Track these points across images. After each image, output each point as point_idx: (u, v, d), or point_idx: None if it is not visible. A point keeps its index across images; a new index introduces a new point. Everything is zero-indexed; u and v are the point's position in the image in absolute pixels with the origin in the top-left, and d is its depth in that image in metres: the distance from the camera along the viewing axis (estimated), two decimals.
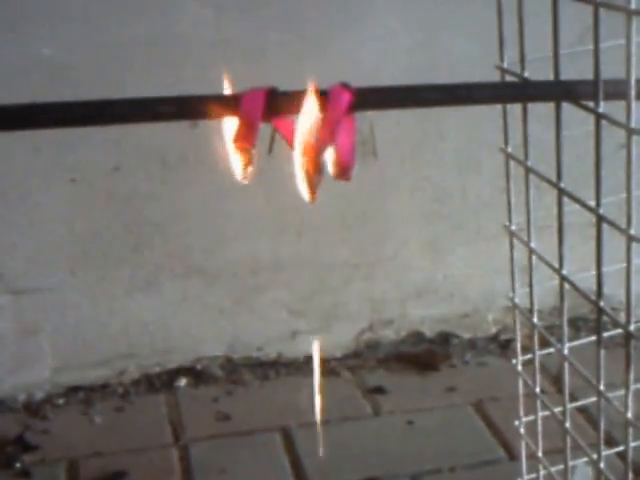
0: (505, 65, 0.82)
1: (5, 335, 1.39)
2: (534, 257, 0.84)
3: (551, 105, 0.71)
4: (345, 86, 0.60)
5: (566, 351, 0.81)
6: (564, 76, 0.71)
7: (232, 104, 0.59)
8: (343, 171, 0.59)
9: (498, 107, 0.84)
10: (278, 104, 0.59)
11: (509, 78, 0.82)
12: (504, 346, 1.51)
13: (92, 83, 1.28)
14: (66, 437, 1.32)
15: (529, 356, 0.90)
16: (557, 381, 1.26)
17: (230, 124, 0.61)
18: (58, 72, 1.28)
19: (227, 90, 0.62)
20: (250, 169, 0.61)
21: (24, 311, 1.39)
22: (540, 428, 0.90)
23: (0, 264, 1.36)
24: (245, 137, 0.60)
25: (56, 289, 1.38)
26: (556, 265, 0.77)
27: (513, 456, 1.22)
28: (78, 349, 1.41)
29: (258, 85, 0.62)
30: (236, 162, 0.61)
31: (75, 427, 1.35)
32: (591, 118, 0.67)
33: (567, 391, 0.82)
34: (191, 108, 0.61)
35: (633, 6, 0.59)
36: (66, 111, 0.62)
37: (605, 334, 0.73)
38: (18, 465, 1.26)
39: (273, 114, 0.59)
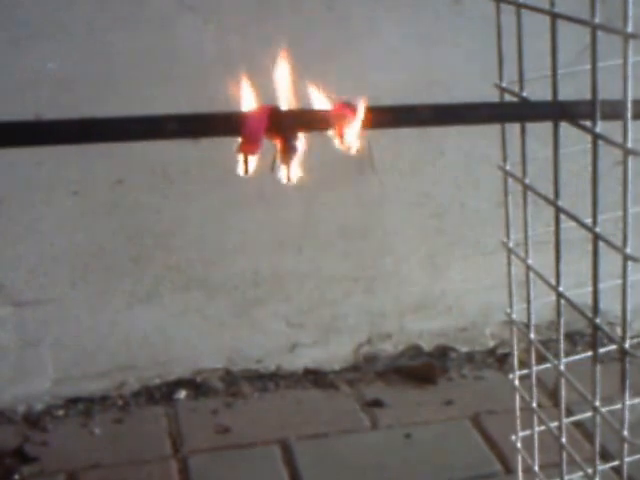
0: (504, 84, 0.84)
1: (6, 346, 1.39)
2: (531, 273, 0.85)
3: (549, 123, 0.73)
4: (348, 104, 0.61)
5: (562, 367, 0.82)
6: (563, 89, 0.72)
7: (236, 122, 0.60)
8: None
9: (497, 124, 0.85)
10: (281, 122, 0.60)
11: (508, 96, 0.83)
12: (501, 360, 1.51)
13: (96, 98, 1.29)
14: (65, 449, 1.32)
15: (526, 371, 0.90)
16: (554, 395, 1.26)
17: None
18: (62, 87, 1.29)
19: (230, 107, 0.63)
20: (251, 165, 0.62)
21: (25, 323, 1.39)
22: (536, 442, 0.90)
23: (2, 276, 1.37)
24: (248, 153, 0.61)
25: (57, 301, 1.39)
26: (553, 282, 0.78)
27: (509, 470, 1.22)
28: (78, 361, 1.42)
29: (260, 102, 0.63)
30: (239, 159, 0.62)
31: (74, 439, 1.35)
32: (588, 136, 0.68)
33: (563, 407, 0.83)
34: (195, 126, 0.62)
35: (630, 29, 0.60)
36: (69, 129, 0.63)
37: (601, 350, 0.74)
38: (17, 477, 1.26)
39: (276, 132, 0.60)
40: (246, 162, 0.62)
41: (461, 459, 1.26)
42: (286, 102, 0.61)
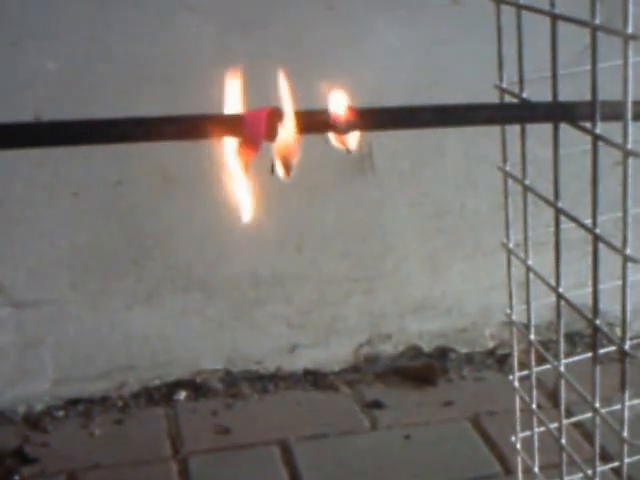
0: (504, 84, 0.84)
1: (6, 347, 1.40)
2: (531, 274, 0.85)
3: (549, 124, 0.72)
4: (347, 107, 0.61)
5: (562, 368, 0.82)
6: (563, 90, 0.72)
7: (235, 124, 0.60)
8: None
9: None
10: (281, 123, 0.60)
11: (508, 97, 0.83)
12: (501, 361, 1.51)
13: (95, 98, 1.29)
14: (65, 450, 1.32)
15: (526, 372, 0.90)
16: (553, 396, 1.26)
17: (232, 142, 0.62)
18: (61, 87, 1.29)
19: (229, 109, 0.63)
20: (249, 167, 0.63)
21: (25, 323, 1.39)
22: (536, 443, 0.90)
23: (2, 276, 1.37)
24: (247, 155, 0.61)
25: (57, 302, 1.39)
26: (553, 283, 0.78)
27: (509, 471, 1.22)
28: (78, 362, 1.42)
29: (259, 103, 0.63)
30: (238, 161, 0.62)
31: (74, 440, 1.35)
32: (588, 137, 0.68)
33: (563, 407, 0.83)
34: (194, 128, 0.62)
35: (630, 30, 0.60)
36: (69, 131, 0.63)
37: (601, 351, 0.74)
38: (17, 478, 1.26)
39: (275, 134, 0.60)
40: (246, 165, 0.62)
41: (461, 460, 1.27)
42: (286, 103, 0.61)
